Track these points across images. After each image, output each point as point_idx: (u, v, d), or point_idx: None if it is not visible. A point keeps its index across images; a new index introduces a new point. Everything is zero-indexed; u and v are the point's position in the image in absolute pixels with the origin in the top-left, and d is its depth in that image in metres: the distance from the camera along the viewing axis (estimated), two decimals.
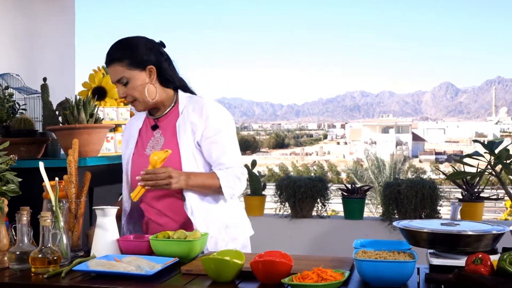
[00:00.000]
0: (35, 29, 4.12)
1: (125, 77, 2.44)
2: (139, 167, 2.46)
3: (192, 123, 2.46)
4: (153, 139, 2.55)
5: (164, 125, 2.54)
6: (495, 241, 1.84)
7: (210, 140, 2.45)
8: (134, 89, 2.46)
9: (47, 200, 2.20)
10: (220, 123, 2.48)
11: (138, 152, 2.57)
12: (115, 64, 2.44)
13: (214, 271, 1.82)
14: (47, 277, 1.90)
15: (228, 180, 2.42)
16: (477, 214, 4.35)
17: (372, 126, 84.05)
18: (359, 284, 1.81)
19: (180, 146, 2.44)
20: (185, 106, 2.52)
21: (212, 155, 2.46)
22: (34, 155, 3.05)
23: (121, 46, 2.47)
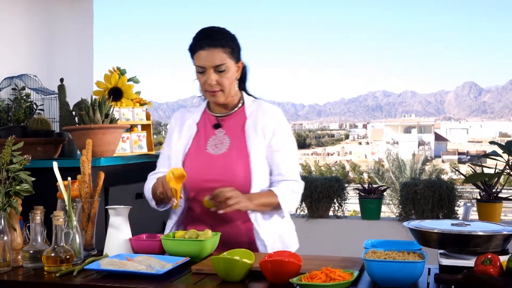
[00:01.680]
0: (53, 30, 4.16)
1: (225, 65, 2.37)
2: (200, 167, 2.41)
3: (263, 127, 2.42)
4: (215, 138, 2.47)
5: (229, 125, 2.48)
6: (505, 242, 1.83)
7: (276, 148, 2.42)
8: (228, 79, 2.39)
9: (61, 199, 2.23)
10: (289, 133, 2.48)
11: (198, 150, 2.47)
12: (218, 49, 2.35)
13: (224, 271, 1.82)
14: (59, 275, 1.93)
15: (286, 197, 2.39)
16: (496, 215, 4.31)
17: (394, 126, 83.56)
18: (368, 284, 1.80)
19: (250, 149, 2.39)
20: (253, 110, 2.47)
21: (275, 163, 2.42)
22: (51, 155, 3.09)
23: (224, 33, 2.41)
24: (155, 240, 2.21)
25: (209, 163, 2.41)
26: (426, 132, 77.37)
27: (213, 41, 2.35)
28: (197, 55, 2.38)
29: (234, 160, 2.39)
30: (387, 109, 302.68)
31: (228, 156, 2.41)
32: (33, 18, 3.98)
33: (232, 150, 2.41)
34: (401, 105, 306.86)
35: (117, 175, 3.04)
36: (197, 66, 2.39)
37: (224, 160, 2.40)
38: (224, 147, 2.44)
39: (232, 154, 2.40)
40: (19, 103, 3.19)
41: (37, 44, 4.00)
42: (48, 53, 4.09)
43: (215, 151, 2.44)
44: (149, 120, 3.45)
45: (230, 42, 2.39)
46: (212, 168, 2.40)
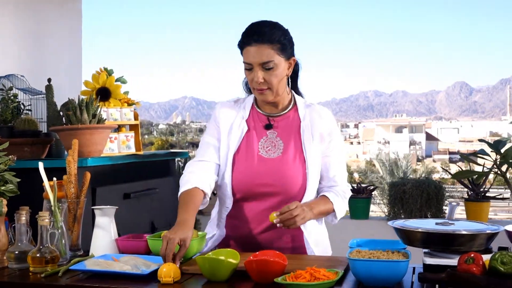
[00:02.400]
0: (41, 30, 4.15)
1: (273, 62, 2.21)
2: (251, 168, 2.29)
3: (319, 131, 2.32)
4: (266, 139, 2.33)
5: (282, 127, 2.35)
6: (489, 241, 1.84)
7: (331, 153, 2.34)
8: (276, 76, 2.24)
9: (47, 200, 2.23)
10: (340, 138, 2.41)
11: (248, 151, 2.32)
12: (265, 45, 2.20)
13: (209, 271, 1.83)
14: (44, 276, 1.92)
15: (340, 204, 2.34)
16: (483, 214, 4.34)
17: (385, 125, 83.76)
18: (353, 283, 1.81)
19: (307, 154, 2.29)
20: (307, 112, 2.35)
21: (328, 168, 2.34)
22: (38, 156, 3.08)
23: (274, 27, 2.25)
24: (141, 240, 2.21)
25: (261, 167, 2.28)
26: (417, 131, 77.57)
27: (261, 37, 2.21)
28: (244, 51, 2.25)
29: (290, 165, 2.28)
30: (379, 109, 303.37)
31: (282, 160, 2.29)
32: (21, 18, 3.97)
33: (287, 154, 2.30)
34: (393, 105, 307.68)
35: (105, 175, 3.04)
36: (245, 63, 2.26)
37: (278, 164, 2.28)
38: (278, 150, 2.31)
39: (287, 159, 2.29)
40: (6, 104, 3.18)
41: (25, 44, 3.99)
42: (36, 53, 4.08)
43: (268, 154, 2.31)
44: (137, 120, 3.45)
45: (280, 38, 2.23)
46: (265, 172, 2.28)
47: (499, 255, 1.63)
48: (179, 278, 1.84)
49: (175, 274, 1.82)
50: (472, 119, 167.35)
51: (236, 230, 2.36)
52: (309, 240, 2.33)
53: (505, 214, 18.88)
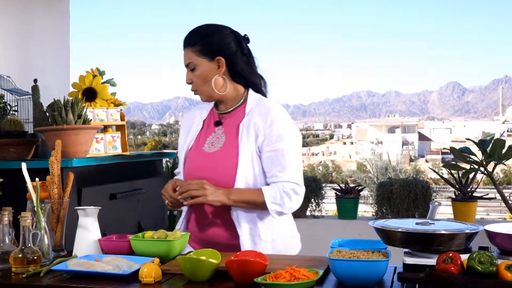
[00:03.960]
0: (28, 30, 4.14)
1: (192, 63, 2.40)
2: (194, 163, 2.45)
3: (256, 126, 2.36)
4: (214, 135, 2.47)
5: (228, 123, 2.46)
6: (468, 240, 1.85)
7: (270, 148, 2.34)
8: (199, 77, 2.41)
9: (31, 200, 2.23)
10: (283, 132, 2.36)
11: (196, 146, 2.49)
12: (187, 48, 2.42)
13: (190, 271, 1.83)
14: (26, 276, 1.92)
15: (275, 197, 2.30)
16: (470, 214, 4.36)
17: (378, 126, 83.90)
18: (334, 283, 1.82)
19: (240, 149, 2.35)
20: (252, 108, 2.42)
21: (268, 164, 2.35)
22: (24, 156, 3.07)
23: (196, 32, 2.44)
24: (124, 240, 2.21)
25: (202, 161, 2.41)
26: (410, 132, 77.74)
27: (185, 41, 2.44)
28: None
29: (223, 158, 2.37)
30: (371, 109, 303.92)
31: (218, 154, 2.40)
32: (8, 18, 3.96)
33: (224, 148, 2.40)
34: (385, 105, 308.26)
35: (91, 175, 3.03)
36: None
37: (213, 158, 2.40)
38: (218, 145, 2.43)
39: (221, 153, 2.40)
40: None
41: (11, 45, 3.98)
42: (23, 53, 4.07)
43: (210, 148, 2.44)
44: (124, 121, 3.45)
45: (200, 40, 2.40)
46: (204, 165, 2.40)
47: (477, 254, 1.65)
48: (160, 278, 1.85)
49: (156, 274, 1.83)
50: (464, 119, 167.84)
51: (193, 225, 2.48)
52: (243, 239, 2.35)
53: (497, 214, 18.97)
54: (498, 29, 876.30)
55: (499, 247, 1.86)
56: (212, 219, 2.41)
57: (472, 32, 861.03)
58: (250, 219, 2.37)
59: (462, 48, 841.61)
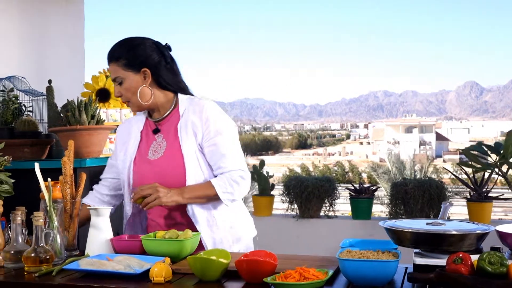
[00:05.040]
0: (44, 31, 4.17)
1: (119, 77, 2.46)
2: (142, 172, 2.49)
3: (193, 125, 2.44)
4: (155, 143, 2.52)
5: (166, 128, 2.52)
6: (479, 241, 1.84)
7: (210, 143, 2.43)
8: (127, 89, 2.46)
9: (44, 200, 2.25)
10: (220, 125, 2.46)
11: (141, 157, 2.53)
12: (112, 63, 2.47)
13: (200, 270, 1.84)
14: (38, 275, 1.94)
15: (225, 187, 2.40)
16: (485, 214, 4.32)
17: (395, 126, 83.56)
18: (344, 283, 1.82)
19: (183, 149, 2.43)
20: (185, 109, 2.49)
21: (212, 158, 2.44)
22: (38, 157, 3.10)
23: (120, 46, 2.49)
24: (136, 240, 2.22)
25: (149, 169, 2.47)
26: (427, 132, 77.35)
27: (109, 56, 2.50)
28: None
29: (168, 162, 2.44)
30: (388, 109, 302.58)
31: (163, 159, 2.46)
32: (24, 19, 4.00)
33: (168, 152, 2.47)
34: (402, 105, 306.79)
35: None
36: None
37: (160, 164, 2.46)
38: (161, 150, 2.49)
39: (167, 157, 2.46)
40: (7, 105, 3.21)
41: (27, 46, 4.02)
42: (38, 54, 4.11)
43: (154, 156, 2.49)
44: None
45: (124, 54, 2.46)
46: (151, 173, 2.45)
47: (487, 255, 1.64)
48: (170, 277, 1.86)
49: (167, 273, 1.84)
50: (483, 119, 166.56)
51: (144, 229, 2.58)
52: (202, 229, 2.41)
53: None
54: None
55: (510, 247, 1.85)
56: (169, 220, 2.49)
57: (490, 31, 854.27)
58: (205, 210, 2.45)
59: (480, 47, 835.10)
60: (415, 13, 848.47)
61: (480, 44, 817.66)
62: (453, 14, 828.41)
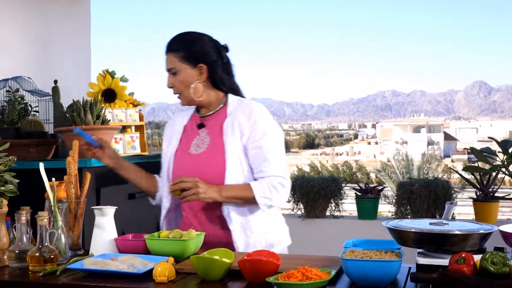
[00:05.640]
0: (50, 31, 4.19)
1: (175, 68, 2.48)
2: (182, 166, 2.50)
3: (240, 125, 2.44)
4: (198, 138, 2.53)
5: (211, 125, 2.53)
6: (482, 241, 1.84)
7: (255, 145, 2.42)
8: (181, 82, 2.48)
9: (49, 200, 2.26)
10: (267, 129, 2.45)
11: (182, 150, 2.55)
12: (170, 53, 2.50)
13: (203, 270, 1.84)
14: (42, 275, 1.95)
15: (263, 192, 2.38)
16: (492, 214, 4.31)
17: (403, 125, 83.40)
18: (347, 283, 1.82)
19: (226, 147, 2.42)
20: (234, 108, 2.49)
21: (255, 160, 2.43)
22: (44, 157, 3.12)
23: (180, 38, 2.52)
24: (140, 240, 2.23)
25: (190, 163, 2.47)
26: (436, 131, 77.14)
27: (168, 46, 2.52)
28: None
29: (210, 158, 2.44)
30: (396, 108, 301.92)
31: (205, 154, 2.47)
32: (29, 19, 4.01)
33: (210, 149, 2.47)
34: (410, 104, 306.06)
35: (109, 175, 3.05)
36: None
37: (201, 159, 2.46)
38: (204, 146, 2.50)
39: (208, 153, 2.46)
40: (13, 105, 3.23)
41: (33, 46, 4.03)
42: (45, 54, 4.12)
43: (196, 150, 2.50)
44: (142, 121, 3.48)
45: (184, 46, 2.48)
46: (192, 167, 2.45)
47: (490, 255, 1.63)
48: (174, 277, 1.86)
49: (170, 273, 1.84)
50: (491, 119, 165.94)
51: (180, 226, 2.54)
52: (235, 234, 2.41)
53: None
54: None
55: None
56: (203, 218, 2.48)
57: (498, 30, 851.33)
58: (241, 213, 2.44)
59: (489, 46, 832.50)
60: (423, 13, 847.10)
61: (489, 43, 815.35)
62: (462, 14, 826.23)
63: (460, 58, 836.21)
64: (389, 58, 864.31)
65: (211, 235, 2.41)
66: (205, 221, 2.48)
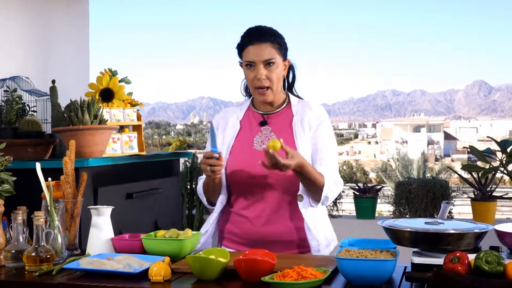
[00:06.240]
0: (48, 31, 4.19)
1: (275, 59, 2.37)
2: (244, 161, 2.40)
3: (309, 121, 2.41)
4: (261, 135, 2.45)
5: (276, 122, 2.46)
6: (477, 240, 1.84)
7: (318, 141, 2.40)
8: (276, 74, 2.38)
9: (45, 200, 2.26)
10: (330, 132, 2.46)
11: (242, 146, 2.45)
12: (267, 43, 2.37)
13: (199, 269, 1.85)
14: (38, 274, 1.95)
15: (330, 182, 2.33)
16: (489, 213, 4.31)
17: (403, 125, 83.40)
18: (343, 282, 1.82)
19: (297, 144, 2.38)
20: (299, 108, 2.46)
21: (316, 151, 2.39)
22: (42, 156, 3.12)
23: (274, 30, 2.43)
24: (136, 239, 2.23)
25: (255, 159, 2.33)
26: (436, 131, 77.17)
27: (263, 37, 2.38)
28: (246, 51, 2.40)
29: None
30: (397, 108, 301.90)
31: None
32: (28, 19, 4.01)
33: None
34: (411, 104, 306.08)
35: (107, 175, 3.07)
36: (246, 62, 2.39)
37: None
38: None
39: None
40: (11, 105, 3.23)
41: (31, 46, 4.04)
42: (43, 54, 4.13)
43: (262, 146, 2.40)
44: (140, 121, 3.48)
45: (278, 39, 2.41)
46: (255, 162, 2.31)
47: (484, 254, 1.64)
48: (169, 276, 1.86)
49: (166, 272, 1.85)
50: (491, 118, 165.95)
51: (238, 224, 2.44)
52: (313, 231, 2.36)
53: None
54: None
55: (509, 246, 1.85)
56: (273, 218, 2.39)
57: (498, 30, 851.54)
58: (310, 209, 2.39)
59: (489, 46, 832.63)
60: (423, 13, 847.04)
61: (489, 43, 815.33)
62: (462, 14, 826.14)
63: (460, 57, 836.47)
64: (389, 57, 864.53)
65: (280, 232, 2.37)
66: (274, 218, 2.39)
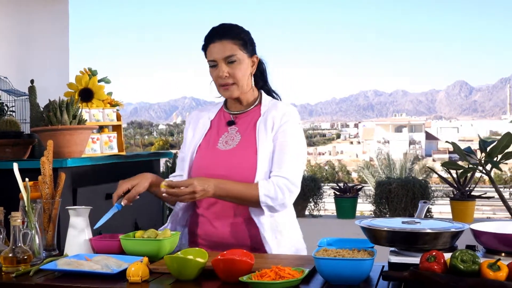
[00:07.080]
0: (26, 31, 4.16)
1: (236, 56, 2.34)
2: (209, 160, 2.39)
3: (272, 120, 2.36)
4: (227, 135, 2.43)
5: (243, 123, 2.44)
6: (453, 239, 1.86)
7: (277, 142, 2.34)
8: (240, 70, 2.35)
9: (23, 200, 2.24)
10: (295, 133, 2.37)
11: (208, 145, 2.44)
12: (227, 40, 2.34)
13: (177, 270, 1.84)
14: (15, 275, 1.93)
15: (268, 190, 2.25)
16: (468, 213, 4.36)
17: (385, 125, 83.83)
18: (320, 282, 1.83)
19: (258, 145, 2.34)
20: (268, 108, 2.42)
21: (274, 152, 2.34)
22: (20, 157, 3.10)
23: (235, 26, 2.40)
24: (115, 240, 2.22)
25: (216, 159, 2.37)
26: (417, 131, 77.65)
27: (223, 34, 2.36)
28: (208, 50, 2.38)
29: (240, 155, 2.35)
30: (378, 108, 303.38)
31: (235, 151, 2.37)
32: (7, 18, 3.98)
33: (240, 146, 2.38)
34: (392, 104, 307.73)
35: (86, 176, 3.05)
36: (209, 61, 2.38)
37: (230, 155, 2.36)
38: (234, 143, 2.40)
39: (239, 150, 2.37)
40: None
41: (10, 45, 4.01)
42: (22, 54, 4.10)
43: (225, 147, 2.40)
44: (120, 121, 3.46)
45: (242, 34, 2.38)
46: (218, 163, 2.36)
47: (459, 253, 1.65)
48: (147, 277, 1.86)
49: (144, 273, 1.84)
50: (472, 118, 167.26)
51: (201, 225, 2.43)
52: (268, 239, 2.31)
53: (505, 213, 18.84)
54: (506, 27, 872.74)
55: (484, 246, 1.86)
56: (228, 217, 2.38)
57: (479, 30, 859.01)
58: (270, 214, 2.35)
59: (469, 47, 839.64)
60: (405, 14, 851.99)
61: (470, 43, 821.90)
62: (443, 14, 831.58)
63: (441, 58, 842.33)
64: (371, 58, 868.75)
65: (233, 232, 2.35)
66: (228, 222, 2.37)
